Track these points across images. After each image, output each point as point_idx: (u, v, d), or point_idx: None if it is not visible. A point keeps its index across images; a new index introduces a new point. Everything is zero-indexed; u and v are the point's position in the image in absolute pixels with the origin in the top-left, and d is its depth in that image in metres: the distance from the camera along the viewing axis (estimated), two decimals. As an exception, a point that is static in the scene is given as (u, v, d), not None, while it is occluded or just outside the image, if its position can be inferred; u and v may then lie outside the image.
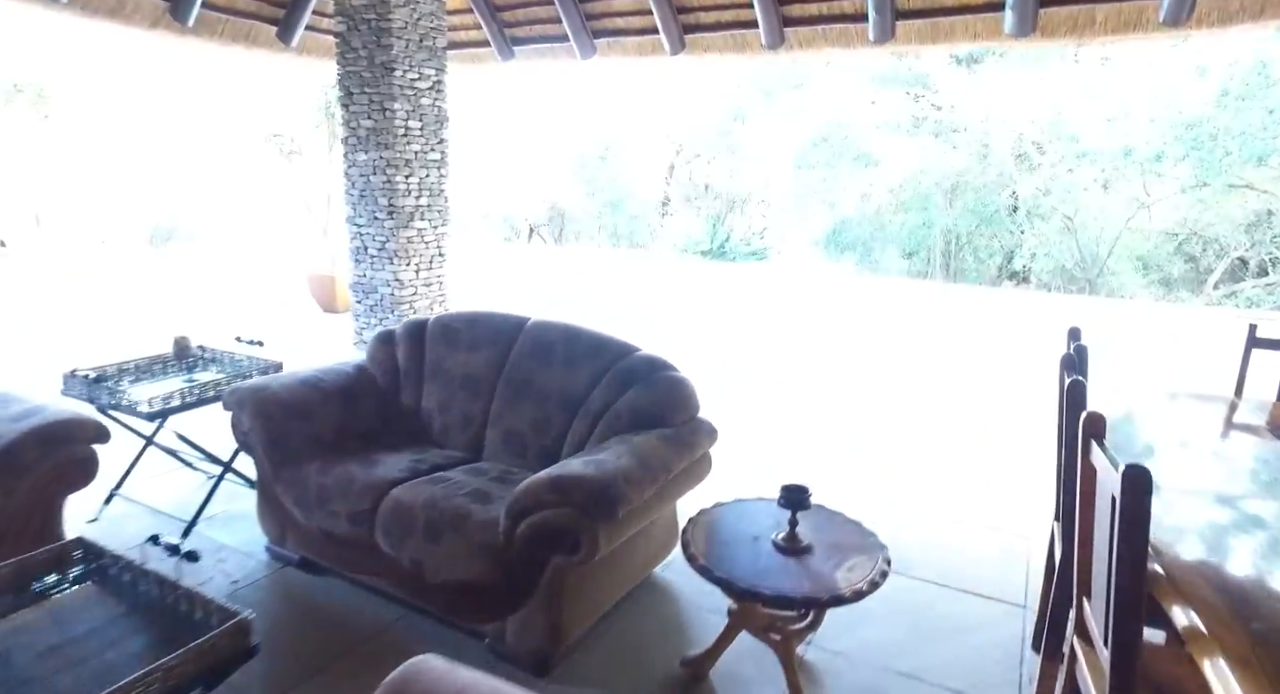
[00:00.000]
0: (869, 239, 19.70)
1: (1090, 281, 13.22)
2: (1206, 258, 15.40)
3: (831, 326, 8.18)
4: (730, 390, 5.81)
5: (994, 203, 14.64)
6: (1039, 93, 11.16)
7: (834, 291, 11.81)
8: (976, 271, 19.69)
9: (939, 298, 11.13)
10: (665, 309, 8.86)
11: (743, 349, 7.25)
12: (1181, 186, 10.97)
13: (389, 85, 5.75)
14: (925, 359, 7.00)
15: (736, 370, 6.48)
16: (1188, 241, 14.92)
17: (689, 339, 7.40)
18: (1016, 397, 5.78)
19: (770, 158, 17.47)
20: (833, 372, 6.54)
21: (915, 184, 13.73)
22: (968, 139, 12.76)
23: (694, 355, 6.38)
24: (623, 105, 23.81)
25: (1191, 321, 9.26)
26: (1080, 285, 13.28)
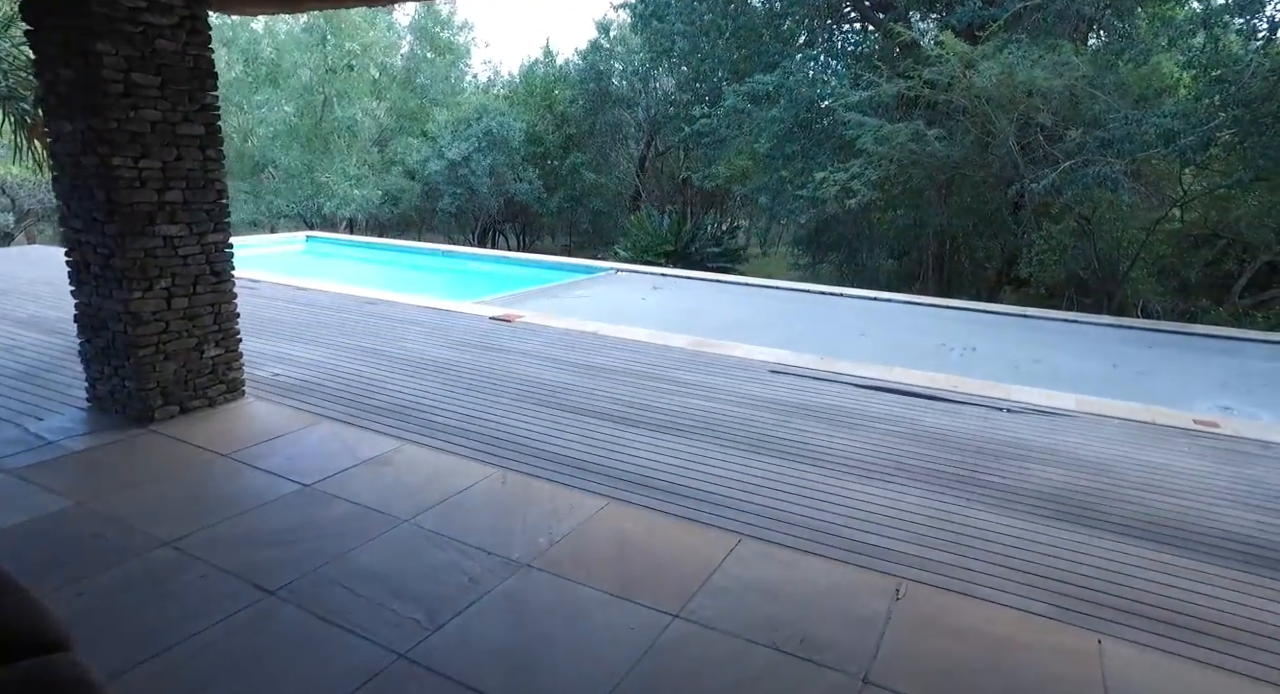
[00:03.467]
0: (854, 239, 17.82)
1: (1109, 294, 11.31)
2: (1228, 262, 13.57)
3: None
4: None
5: (995, 200, 12.71)
6: (1053, 67, 9.20)
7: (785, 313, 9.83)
8: (973, 276, 17.86)
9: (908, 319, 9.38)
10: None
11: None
12: (1229, 180, 9.06)
13: (87, 13, 3.68)
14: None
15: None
16: (1206, 243, 13.09)
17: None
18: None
19: (742, 147, 15.43)
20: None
21: (906, 178, 11.77)
22: (966, 125, 10.79)
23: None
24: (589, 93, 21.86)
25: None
26: (1097, 298, 11.37)
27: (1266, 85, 8.54)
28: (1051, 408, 5.14)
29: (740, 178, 17.90)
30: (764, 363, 6.10)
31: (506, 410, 4.71)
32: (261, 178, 19.69)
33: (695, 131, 15.83)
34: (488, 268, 13.24)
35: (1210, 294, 13.85)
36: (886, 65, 11.75)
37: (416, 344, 6.28)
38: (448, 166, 19.06)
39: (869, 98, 11.34)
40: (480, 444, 4.13)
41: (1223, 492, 3.83)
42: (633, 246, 15.46)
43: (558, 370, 5.66)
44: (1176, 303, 13.78)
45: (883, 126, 10.85)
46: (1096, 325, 9.02)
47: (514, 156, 20.74)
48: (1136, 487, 3.86)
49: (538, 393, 5.08)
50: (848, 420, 4.75)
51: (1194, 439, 4.65)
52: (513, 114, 21.28)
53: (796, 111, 13.38)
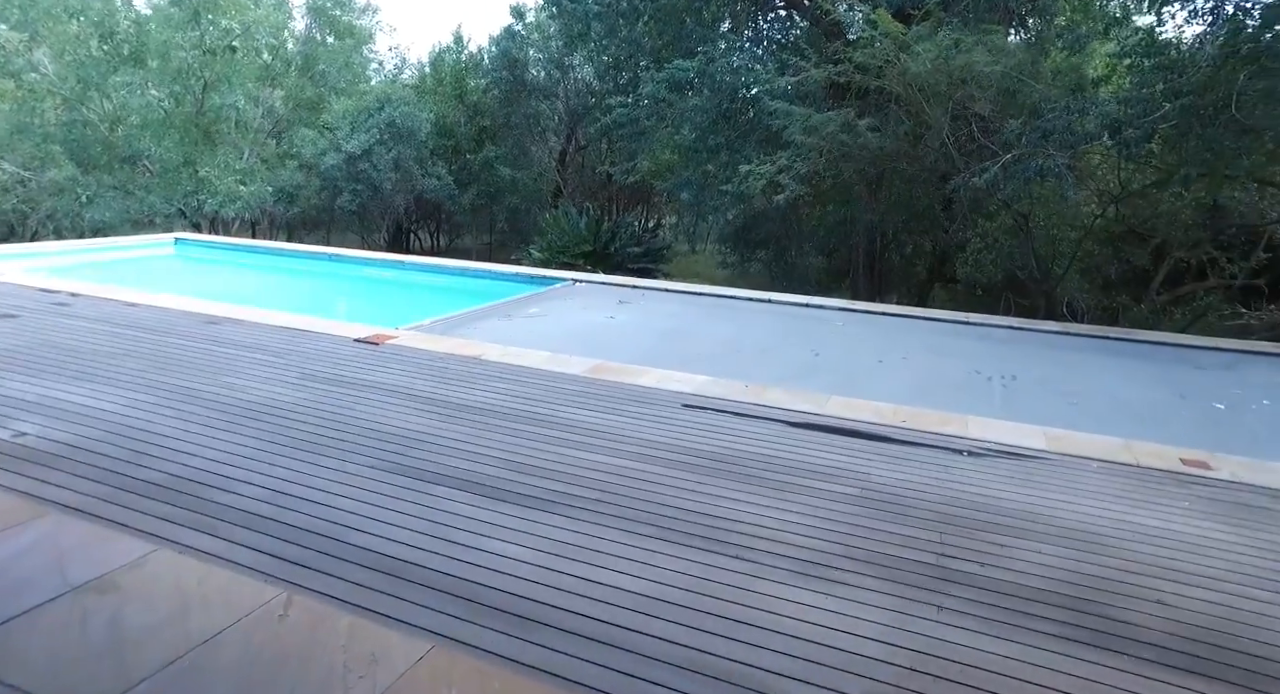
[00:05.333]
0: (783, 236, 17.12)
1: (1047, 294, 10.80)
2: (1144, 258, 13.38)
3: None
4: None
5: (928, 195, 12.10)
6: (991, 52, 8.50)
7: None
8: (905, 274, 17.40)
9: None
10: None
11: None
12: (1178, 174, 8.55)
13: None
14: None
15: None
16: (1124, 240, 12.84)
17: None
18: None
19: (664, 139, 14.44)
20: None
21: (836, 172, 10.98)
22: (899, 115, 10.05)
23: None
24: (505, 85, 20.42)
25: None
26: (1034, 300, 10.87)
27: (1203, 76, 8.05)
28: (1019, 447, 4.28)
29: (663, 173, 16.94)
30: (677, 394, 5.06)
31: (332, 479, 3.51)
32: (134, 171, 17.51)
33: (614, 122, 14.73)
34: (405, 277, 11.68)
35: (1128, 291, 13.68)
36: (815, 50, 10.90)
37: (249, 380, 4.97)
38: (346, 161, 17.37)
39: (796, 84, 10.48)
40: (273, 542, 2.92)
41: (1256, 576, 2.99)
42: (548, 247, 14.26)
43: (419, 413, 4.47)
44: (1100, 300, 13.56)
45: (811, 116, 10.00)
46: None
47: (422, 150, 19.18)
48: (1151, 572, 2.98)
49: (383, 449, 3.89)
50: (779, 479, 3.74)
51: (1189, 488, 3.84)
52: (420, 104, 19.69)
53: (720, 101, 12.44)
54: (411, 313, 8.04)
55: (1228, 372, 6.94)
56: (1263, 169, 9.16)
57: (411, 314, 7.83)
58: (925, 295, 16.42)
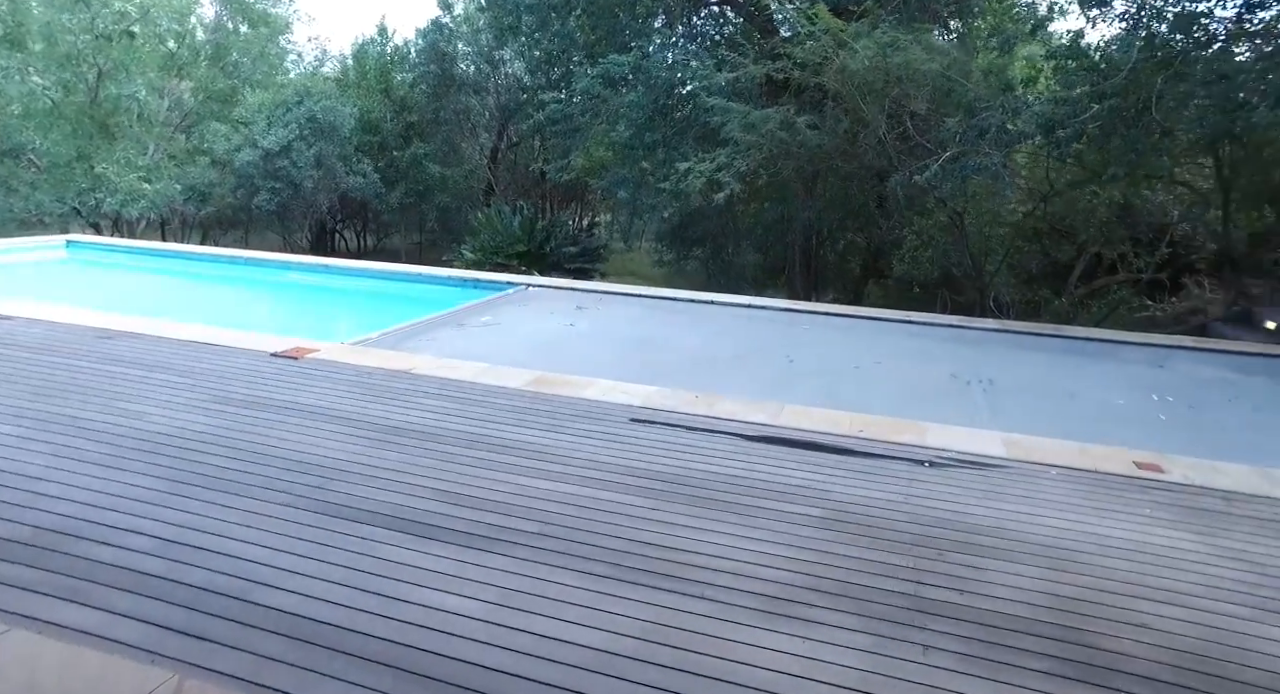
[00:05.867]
0: (719, 234, 17.07)
1: (981, 290, 10.99)
2: (1063, 253, 13.85)
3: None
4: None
5: (864, 193, 12.17)
6: (928, 50, 8.54)
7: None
8: (839, 271, 17.59)
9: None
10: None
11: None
12: (1097, 174, 8.81)
13: None
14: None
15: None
16: (1046, 236, 13.28)
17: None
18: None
19: (599, 136, 14.11)
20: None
21: (774, 169, 10.90)
22: (838, 113, 10.02)
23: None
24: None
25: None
26: (969, 296, 11.06)
27: (1124, 79, 8.24)
28: (979, 455, 4.17)
29: (597, 170, 16.62)
30: (625, 407, 4.78)
31: (240, 523, 3.08)
32: (18, 165, 16.03)
33: (547, 118, 14.31)
34: (335, 282, 10.94)
35: (1048, 285, 14.15)
36: (752, 46, 10.77)
37: (147, 405, 4.43)
38: (263, 157, 16.36)
39: (733, 80, 10.32)
40: (162, 609, 2.49)
41: (1228, 589, 2.91)
42: (481, 248, 13.74)
43: (344, 437, 4.05)
44: (1024, 294, 13.98)
45: (750, 113, 9.86)
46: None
47: (345, 147, 18.28)
48: (1127, 590, 2.86)
49: (303, 483, 3.46)
50: (740, 501, 3.50)
51: (1147, 493, 3.79)
52: (343, 98, 18.76)
53: (656, 96, 12.19)
54: (345, 324, 7.52)
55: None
56: (1178, 169, 9.51)
57: (346, 325, 7.32)
58: (860, 292, 16.63)
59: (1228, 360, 7.27)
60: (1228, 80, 7.40)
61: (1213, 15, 8.29)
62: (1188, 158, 9.33)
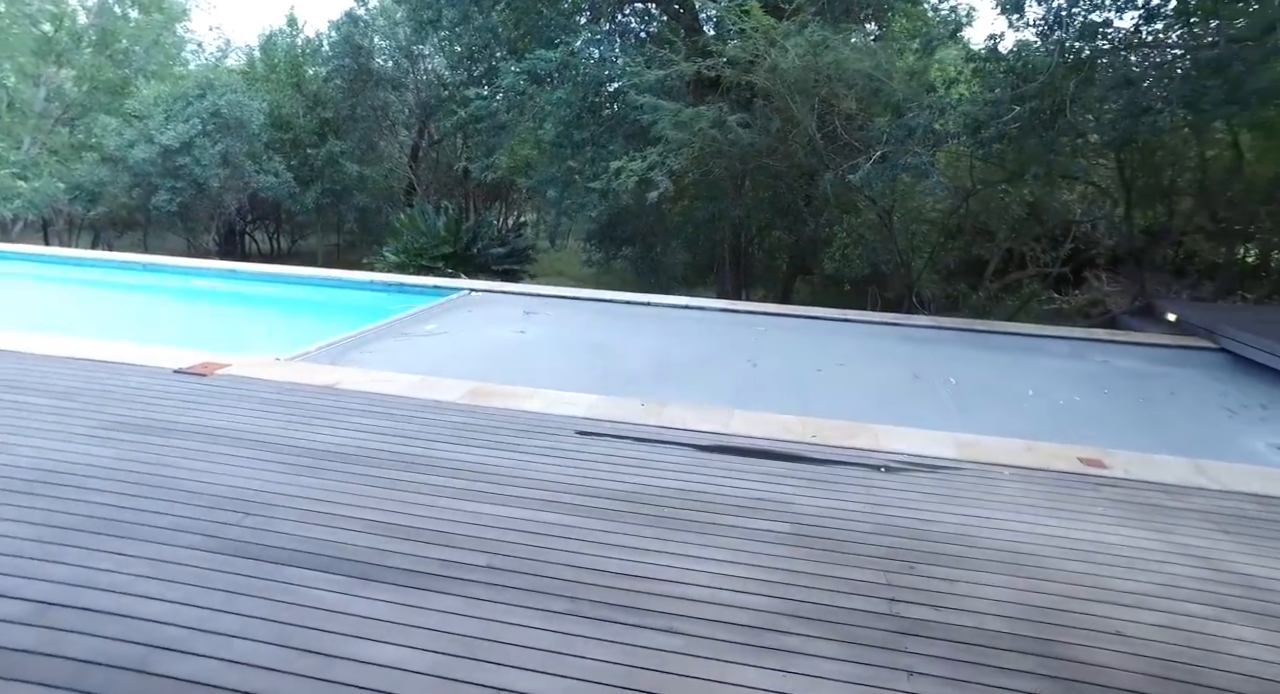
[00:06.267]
0: (648, 233, 16.95)
1: (909, 287, 11.24)
2: (978, 249, 14.40)
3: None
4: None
5: (793, 191, 12.25)
6: (858, 50, 8.63)
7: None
8: (768, 270, 17.76)
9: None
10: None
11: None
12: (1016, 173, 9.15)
13: None
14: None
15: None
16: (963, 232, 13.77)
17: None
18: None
19: (525, 134, 13.74)
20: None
21: (705, 168, 10.83)
22: (769, 112, 10.02)
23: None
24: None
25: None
26: (898, 293, 11.30)
27: (1041, 82, 8.52)
28: (932, 458, 4.13)
29: (524, 169, 16.20)
30: (569, 419, 4.53)
31: (138, 573, 2.68)
32: None
33: (472, 116, 13.83)
34: (251, 290, 10.11)
35: (964, 279, 14.69)
36: (684, 43, 10.65)
37: (23, 435, 3.89)
38: (161, 154, 15.20)
39: (664, 78, 10.18)
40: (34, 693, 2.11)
41: (1190, 588, 2.92)
42: (405, 249, 13.15)
43: (262, 464, 3.66)
44: (943, 289, 14.47)
45: (681, 111, 9.74)
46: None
47: (255, 143, 17.23)
48: (1097, 596, 2.83)
49: (211, 520, 3.08)
50: (700, 519, 3.32)
51: (1097, 490, 3.83)
52: (251, 92, 17.67)
53: (584, 94, 11.93)
54: (270, 336, 6.94)
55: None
56: (1092, 169, 9.96)
57: (270, 338, 6.74)
58: (788, 290, 16.86)
59: (1141, 352, 7.62)
60: (1132, 86, 7.77)
61: (1111, 25, 8.71)
62: (1094, 159, 9.78)
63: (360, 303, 9.23)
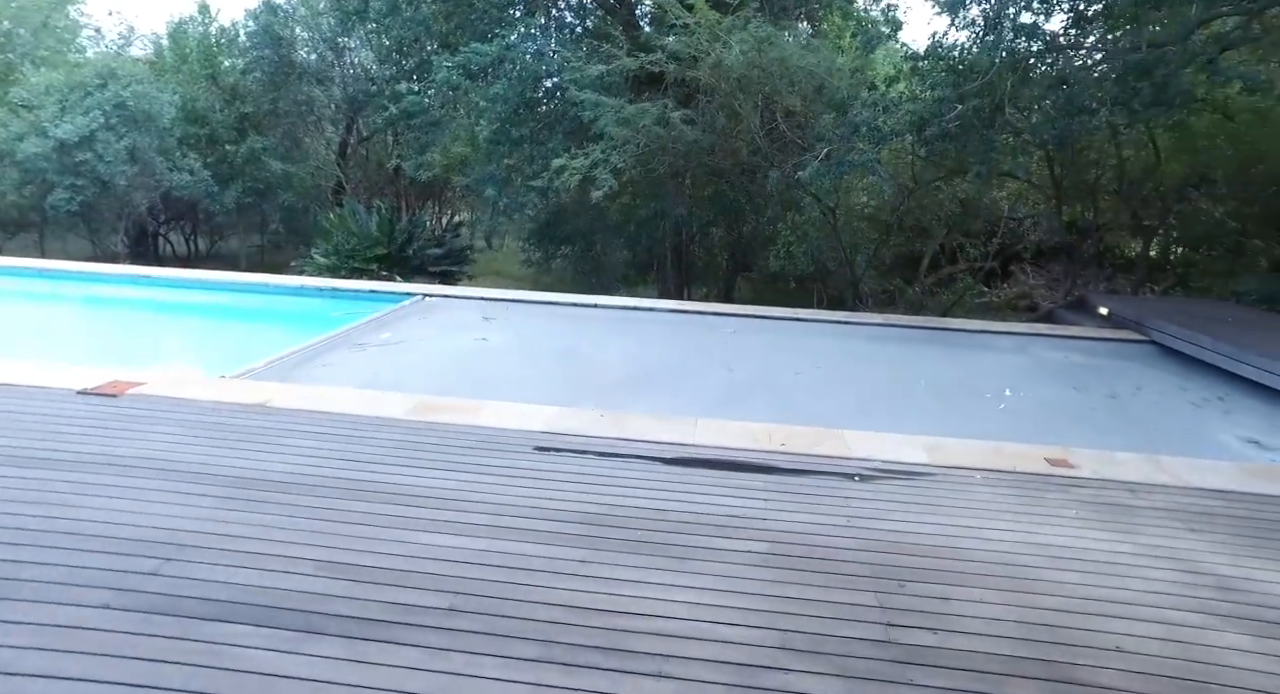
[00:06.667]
0: (588, 231, 16.68)
1: (854, 284, 11.32)
2: (913, 245, 14.71)
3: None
4: None
5: (734, 189, 12.19)
6: (804, 48, 8.58)
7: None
8: (709, 267, 17.72)
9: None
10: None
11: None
12: (955, 171, 9.30)
13: None
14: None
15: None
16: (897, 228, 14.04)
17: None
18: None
19: (460, 131, 13.28)
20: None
21: (649, 166, 10.64)
22: (714, 109, 9.89)
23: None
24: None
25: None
26: (842, 291, 11.36)
27: (981, 82, 8.64)
28: (903, 463, 4.04)
29: (456, 166, 15.68)
30: (525, 434, 4.26)
31: (28, 645, 2.29)
32: None
33: (404, 112, 13.25)
34: (180, 298, 9.30)
35: (900, 274, 15.01)
36: (625, 38, 10.42)
37: (-107, 471, 3.38)
38: (57, 149, 14.03)
39: (605, 73, 9.92)
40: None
41: (1176, 594, 2.88)
42: (335, 251, 12.50)
43: (183, 498, 3.26)
44: (881, 284, 14.74)
45: (624, 107, 9.51)
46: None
47: (166, 139, 16.13)
48: (1089, 608, 2.75)
49: (123, 569, 2.69)
50: (675, 542, 3.11)
51: (1067, 491, 3.80)
52: (160, 84, 16.54)
53: (523, 89, 11.56)
54: (206, 351, 6.37)
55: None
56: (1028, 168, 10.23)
57: (208, 352, 6.19)
58: (730, 288, 16.88)
59: (1082, 346, 7.83)
60: (1067, 86, 7.98)
61: (1041, 28, 8.92)
62: (1030, 157, 10.05)
63: (304, 311, 8.68)
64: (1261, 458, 5.04)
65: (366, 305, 8.29)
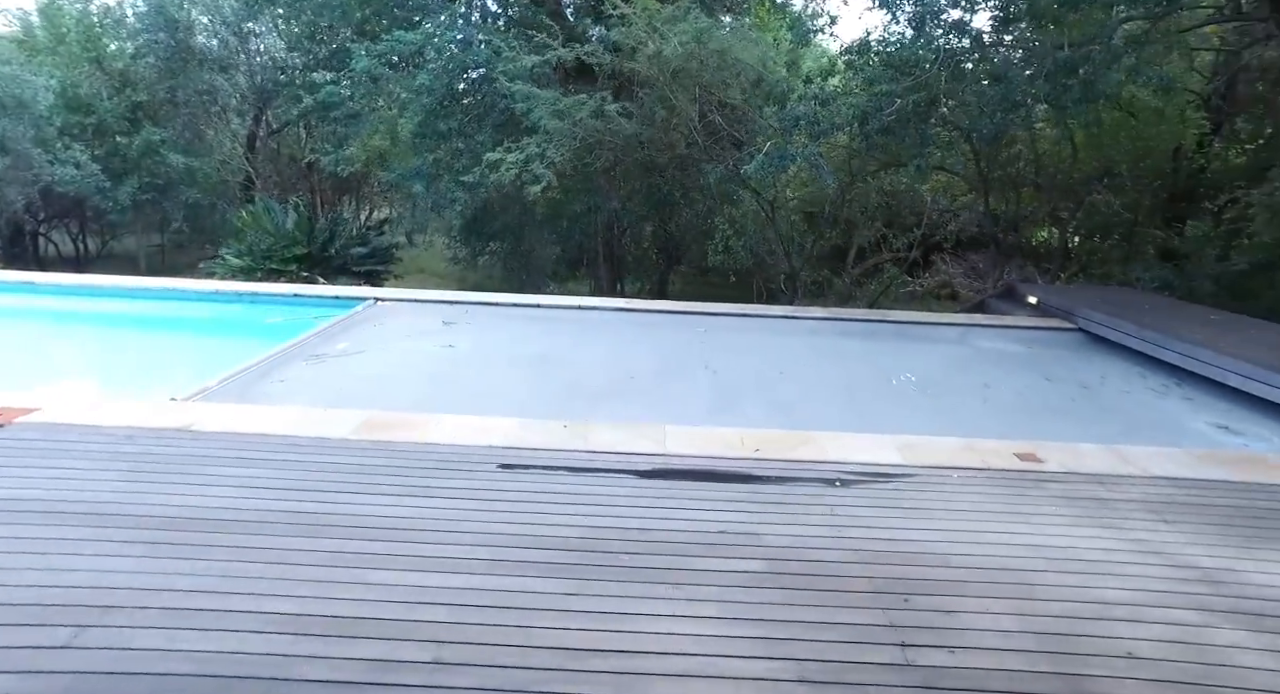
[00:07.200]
0: (517, 226, 16.24)
1: (791, 277, 11.38)
2: (838, 238, 14.99)
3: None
4: None
5: (668, 182, 12.05)
6: (744, 40, 8.48)
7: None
8: (642, 262, 17.57)
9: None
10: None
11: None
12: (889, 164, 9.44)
13: None
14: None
15: None
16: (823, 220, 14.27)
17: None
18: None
19: (379, 124, 12.63)
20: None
21: (585, 160, 10.36)
22: (650, 101, 9.69)
23: None
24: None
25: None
26: (777, 281, 11.40)
27: (915, 78, 8.76)
28: (880, 465, 3.97)
29: (386, 161, 14.94)
30: (486, 450, 3.97)
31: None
32: None
33: (321, 103, 12.48)
34: (100, 308, 8.31)
35: (828, 265, 15.30)
36: (559, 27, 10.08)
37: None
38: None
39: (537, 65, 9.57)
40: None
41: (1170, 592, 2.88)
42: (249, 251, 11.66)
43: (93, 546, 2.83)
44: (812, 275, 14.98)
45: (560, 99, 9.20)
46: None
47: (44, 128, 14.72)
48: (1090, 611, 2.71)
49: (22, 641, 2.28)
50: (667, 565, 2.91)
51: (1042, 487, 3.82)
52: (33, 67, 15.06)
53: (449, 81, 11.05)
54: (112, 370, 5.70)
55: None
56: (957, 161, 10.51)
57: (112, 372, 5.53)
58: (664, 282, 16.80)
59: (1018, 335, 8.05)
60: (1000, 82, 8.20)
61: (968, 25, 9.14)
62: (958, 150, 10.33)
63: (235, 319, 8.01)
64: (1222, 444, 5.22)
65: (307, 311, 7.74)
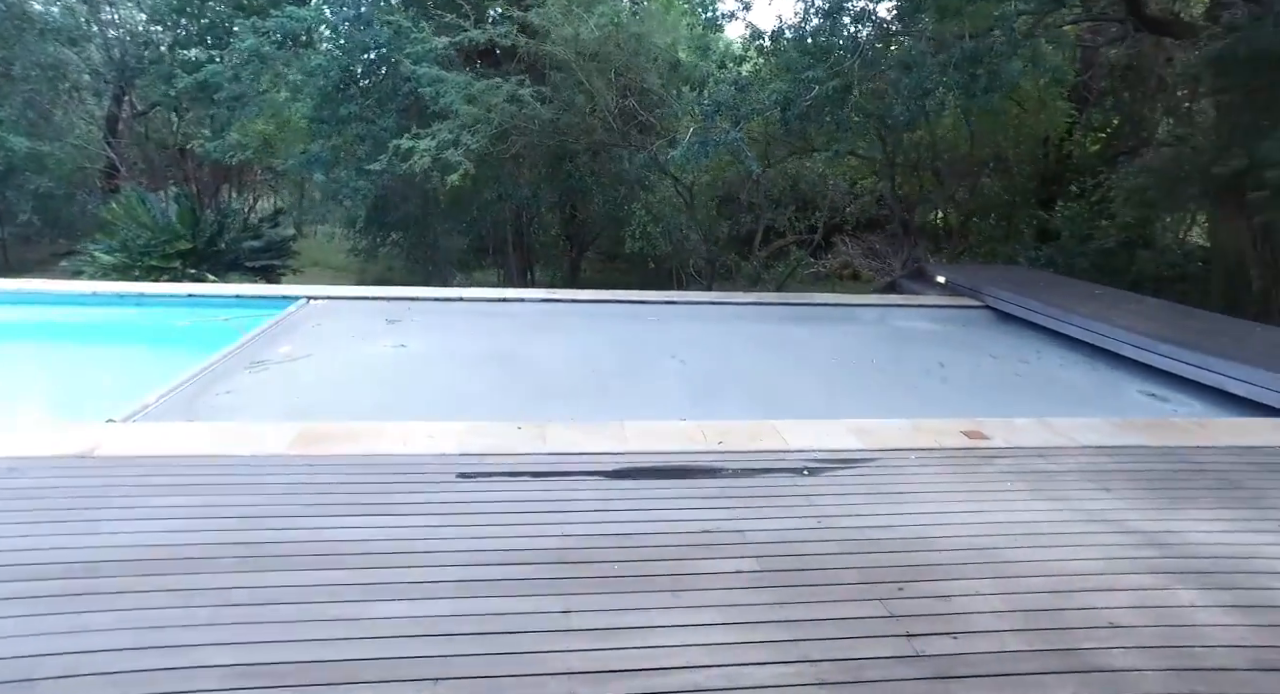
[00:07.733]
0: (421, 216, 15.56)
1: (711, 263, 11.44)
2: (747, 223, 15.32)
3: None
4: None
5: (580, 169, 11.83)
6: (660, 24, 8.35)
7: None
8: (554, 250, 17.24)
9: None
10: None
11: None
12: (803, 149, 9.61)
13: None
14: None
15: None
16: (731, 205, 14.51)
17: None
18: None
19: (266, 106, 11.71)
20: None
21: (502, 145, 9.97)
22: (568, 85, 9.42)
23: None
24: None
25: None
26: (687, 266, 11.41)
27: (830, 67, 8.92)
28: (841, 451, 4.00)
29: (267, 148, 13.89)
30: (440, 459, 3.71)
31: None
32: None
33: (200, 84, 11.40)
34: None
35: (734, 249, 15.58)
36: (472, 9, 9.59)
37: None
38: None
39: (446, 46, 9.09)
40: None
41: (1126, 555, 3.04)
42: (123, 247, 10.56)
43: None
44: (720, 258, 15.21)
45: (473, 83, 8.79)
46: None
47: None
48: (1069, 584, 2.81)
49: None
50: (657, 572, 2.80)
51: (993, 463, 3.96)
52: None
53: (347, 62, 10.34)
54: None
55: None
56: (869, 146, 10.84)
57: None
58: (575, 270, 16.58)
59: (934, 313, 8.42)
60: (911, 70, 8.48)
61: (873, 12, 9.42)
62: (869, 136, 10.68)
63: (141, 326, 7.21)
64: (1147, 408, 5.63)
65: (214, 312, 7.20)
